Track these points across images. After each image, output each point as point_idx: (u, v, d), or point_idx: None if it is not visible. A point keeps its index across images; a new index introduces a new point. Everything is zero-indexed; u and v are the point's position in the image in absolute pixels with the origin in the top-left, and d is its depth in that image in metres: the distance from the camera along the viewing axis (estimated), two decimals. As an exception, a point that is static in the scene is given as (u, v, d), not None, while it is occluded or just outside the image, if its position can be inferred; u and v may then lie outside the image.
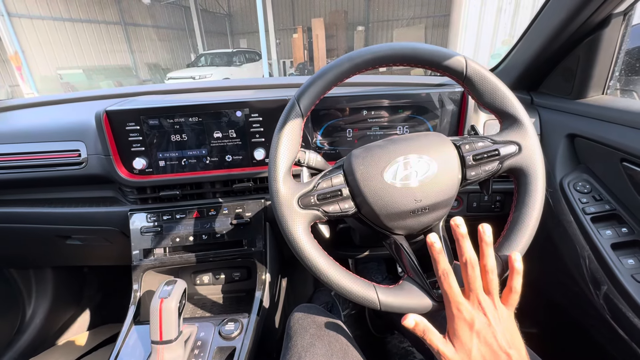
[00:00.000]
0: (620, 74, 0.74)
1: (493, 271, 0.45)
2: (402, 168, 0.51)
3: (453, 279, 0.45)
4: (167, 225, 0.84)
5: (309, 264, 0.50)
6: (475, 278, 0.44)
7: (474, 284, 0.44)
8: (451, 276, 0.45)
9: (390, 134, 0.86)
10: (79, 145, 0.82)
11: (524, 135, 0.52)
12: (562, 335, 0.88)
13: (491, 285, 0.45)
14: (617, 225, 0.65)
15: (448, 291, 0.45)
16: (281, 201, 0.50)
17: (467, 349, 0.42)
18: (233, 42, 15.76)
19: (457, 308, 0.44)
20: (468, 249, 0.45)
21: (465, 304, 0.44)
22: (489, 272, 0.45)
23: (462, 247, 0.46)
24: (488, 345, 0.41)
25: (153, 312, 0.63)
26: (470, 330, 0.42)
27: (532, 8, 6.69)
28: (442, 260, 0.47)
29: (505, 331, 0.42)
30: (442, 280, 0.46)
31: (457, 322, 0.43)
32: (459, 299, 0.44)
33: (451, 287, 0.45)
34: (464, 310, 0.43)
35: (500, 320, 0.43)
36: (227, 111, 0.79)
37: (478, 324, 0.42)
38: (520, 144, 0.52)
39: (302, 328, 0.58)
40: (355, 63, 0.50)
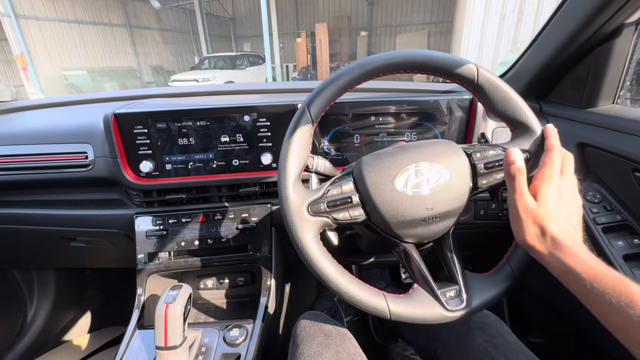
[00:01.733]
0: (632, 83, 0.73)
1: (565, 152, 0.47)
2: (414, 176, 0.50)
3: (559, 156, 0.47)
4: (172, 229, 0.83)
5: (318, 272, 0.50)
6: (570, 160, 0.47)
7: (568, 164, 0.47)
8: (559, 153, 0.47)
9: (398, 140, 0.86)
10: (86, 147, 0.82)
11: (535, 144, 0.52)
12: (571, 345, 0.87)
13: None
14: (629, 236, 0.64)
15: (551, 161, 0.46)
16: (291, 208, 0.50)
17: (550, 206, 0.43)
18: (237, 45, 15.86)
19: (556, 175, 0.45)
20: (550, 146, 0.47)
21: (560, 177, 0.45)
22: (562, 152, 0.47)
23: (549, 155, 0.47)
24: (566, 215, 0.44)
25: (158, 317, 0.62)
26: (559, 198, 0.44)
27: (535, 16, 6.71)
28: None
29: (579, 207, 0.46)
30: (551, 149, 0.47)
31: (550, 187, 0.44)
32: (559, 170, 0.46)
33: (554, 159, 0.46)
34: (559, 180, 0.45)
35: (576, 195, 0.46)
36: (234, 115, 0.79)
37: (566, 196, 0.44)
38: (531, 152, 0.52)
39: (308, 336, 0.58)
40: (367, 70, 0.50)
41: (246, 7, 15.00)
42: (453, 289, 0.53)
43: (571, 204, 0.44)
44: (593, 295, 0.37)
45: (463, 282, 0.53)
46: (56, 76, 9.36)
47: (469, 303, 0.52)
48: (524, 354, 0.54)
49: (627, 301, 0.34)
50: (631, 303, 0.33)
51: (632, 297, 0.33)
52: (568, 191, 0.45)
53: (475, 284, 0.53)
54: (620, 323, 0.35)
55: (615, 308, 0.34)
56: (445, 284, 0.53)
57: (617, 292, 0.34)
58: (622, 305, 0.34)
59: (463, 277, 0.53)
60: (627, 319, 0.33)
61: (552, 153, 0.46)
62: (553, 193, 0.44)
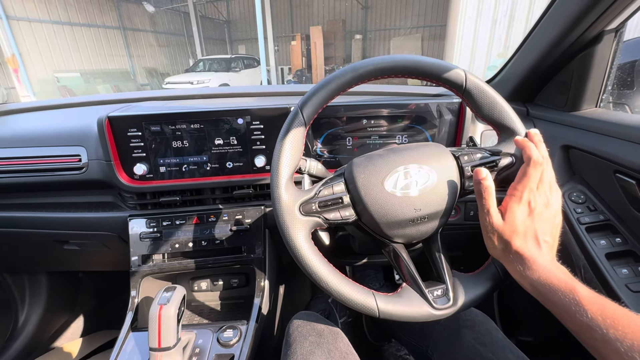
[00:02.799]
0: (613, 88, 0.76)
1: (541, 164, 0.47)
2: (403, 177, 0.52)
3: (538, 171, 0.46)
4: (166, 231, 0.84)
5: (309, 271, 0.51)
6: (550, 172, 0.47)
7: (548, 176, 0.47)
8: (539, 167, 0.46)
9: (390, 143, 0.88)
10: (79, 150, 0.83)
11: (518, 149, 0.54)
12: (558, 344, 0.89)
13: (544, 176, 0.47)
14: (611, 235, 0.67)
15: (529, 174, 0.46)
16: (283, 208, 0.51)
17: (516, 223, 0.44)
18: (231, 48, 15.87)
19: (529, 190, 0.45)
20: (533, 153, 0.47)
21: (535, 191, 0.46)
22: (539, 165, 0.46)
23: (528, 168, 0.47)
24: (532, 233, 0.44)
25: (152, 319, 0.63)
26: (528, 214, 0.45)
27: (525, 21, 6.84)
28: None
29: (549, 220, 0.46)
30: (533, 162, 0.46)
31: (520, 204, 0.45)
32: (535, 185, 0.46)
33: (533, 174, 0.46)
34: (533, 194, 0.45)
35: (549, 207, 0.46)
36: (228, 118, 0.80)
37: (537, 211, 0.45)
38: (517, 155, 0.54)
39: (301, 335, 0.59)
40: (359, 74, 0.51)
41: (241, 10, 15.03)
42: (440, 288, 0.54)
43: (542, 217, 0.45)
44: (551, 305, 0.39)
45: (450, 282, 0.54)
46: (48, 78, 9.27)
47: (455, 302, 0.53)
48: (511, 350, 0.56)
49: (576, 308, 0.35)
50: (580, 310, 0.35)
51: (580, 302, 0.35)
52: (540, 204, 0.45)
53: (462, 283, 0.55)
54: (574, 328, 0.36)
55: (568, 315, 0.36)
56: (433, 283, 0.55)
57: (568, 299, 0.36)
58: (573, 310, 0.35)
59: (450, 277, 0.55)
60: (579, 324, 0.35)
61: (529, 168, 0.46)
62: (522, 210, 0.45)
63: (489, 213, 0.47)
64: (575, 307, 0.35)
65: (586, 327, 0.34)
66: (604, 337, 0.32)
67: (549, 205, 0.46)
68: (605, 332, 0.32)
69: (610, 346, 0.31)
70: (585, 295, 0.35)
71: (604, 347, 0.32)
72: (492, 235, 0.47)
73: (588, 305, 0.34)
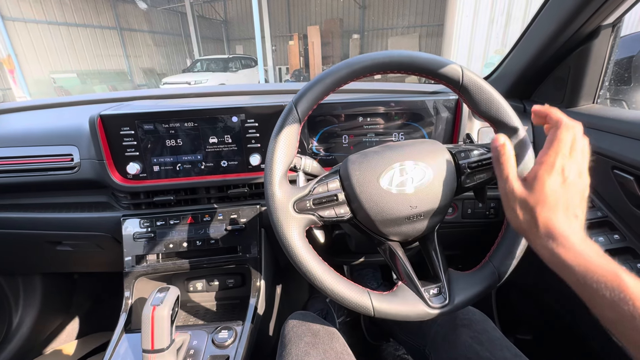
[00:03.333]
0: (610, 83, 0.75)
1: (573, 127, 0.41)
2: (398, 174, 0.51)
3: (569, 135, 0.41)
4: (160, 231, 0.83)
5: (303, 269, 0.50)
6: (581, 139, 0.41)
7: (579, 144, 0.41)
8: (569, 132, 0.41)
9: (386, 140, 0.87)
10: (71, 149, 0.81)
11: (519, 144, 0.53)
12: (557, 342, 0.88)
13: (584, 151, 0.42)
14: (609, 232, 0.66)
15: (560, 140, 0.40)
16: (277, 205, 0.50)
17: (545, 192, 0.39)
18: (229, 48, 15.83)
19: (562, 156, 0.40)
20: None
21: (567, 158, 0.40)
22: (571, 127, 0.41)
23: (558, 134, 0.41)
24: (564, 203, 0.39)
25: (145, 320, 0.62)
26: (561, 183, 0.39)
27: (522, 20, 6.85)
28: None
29: (582, 192, 0.41)
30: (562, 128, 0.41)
31: (552, 172, 0.40)
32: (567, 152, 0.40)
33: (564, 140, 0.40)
34: (565, 161, 0.40)
35: (582, 177, 0.41)
36: (223, 116, 0.79)
37: (570, 180, 0.39)
38: (515, 153, 0.53)
39: (296, 336, 0.58)
40: (354, 69, 0.51)
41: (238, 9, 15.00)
42: (436, 286, 0.53)
43: (575, 188, 0.40)
44: (587, 289, 0.34)
45: (446, 280, 0.53)
46: (45, 79, 9.22)
47: (451, 300, 0.52)
48: (508, 349, 0.55)
49: (620, 296, 0.32)
50: (625, 298, 0.31)
51: (625, 291, 0.32)
52: (574, 174, 0.39)
53: (458, 281, 0.54)
54: (614, 317, 0.33)
55: (609, 303, 0.32)
56: (429, 281, 0.54)
57: (610, 287, 0.33)
58: (616, 300, 0.32)
59: (446, 275, 0.54)
60: (621, 313, 0.32)
61: (560, 131, 0.40)
62: (554, 178, 0.39)
63: (508, 180, 0.42)
64: (619, 295, 0.32)
65: (630, 318, 0.31)
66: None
67: (581, 174, 0.40)
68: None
69: None
70: (632, 284, 0.32)
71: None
72: (514, 204, 0.42)
73: (636, 294, 0.31)
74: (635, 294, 0.31)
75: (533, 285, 0.89)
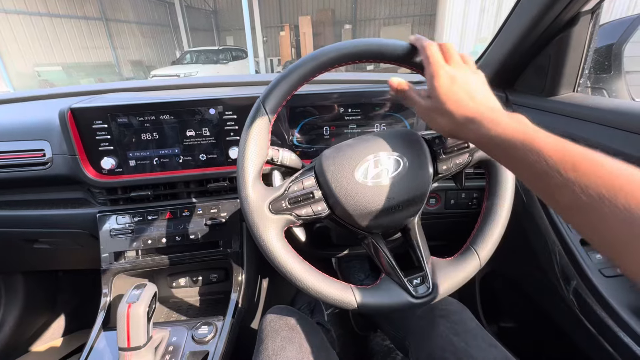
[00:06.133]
0: (590, 72, 0.75)
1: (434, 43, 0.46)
2: (373, 166, 0.50)
3: (436, 48, 0.45)
4: (138, 227, 0.81)
5: (282, 270, 0.50)
6: (451, 48, 0.45)
7: (452, 51, 0.45)
8: (434, 46, 0.46)
9: (368, 131, 0.85)
10: (43, 144, 0.79)
11: None
12: (537, 330, 0.90)
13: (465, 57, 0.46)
14: (587, 221, 0.66)
15: (430, 55, 0.45)
16: (251, 208, 0.49)
17: (443, 94, 0.42)
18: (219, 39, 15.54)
19: (439, 65, 0.44)
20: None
21: (447, 65, 0.44)
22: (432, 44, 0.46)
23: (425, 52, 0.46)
24: (466, 94, 0.42)
25: (120, 318, 0.61)
26: (452, 82, 0.43)
27: (513, 8, 6.83)
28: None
29: (478, 82, 0.44)
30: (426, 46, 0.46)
31: (439, 77, 0.43)
32: (441, 60, 0.44)
33: (433, 52, 0.45)
34: (446, 67, 0.44)
35: (470, 72, 0.44)
36: (199, 109, 0.77)
37: (460, 77, 0.43)
38: None
39: (273, 331, 0.57)
40: (320, 62, 0.49)
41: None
42: (419, 275, 0.53)
43: (467, 79, 0.43)
44: (508, 159, 0.36)
45: (429, 269, 0.54)
46: (29, 72, 8.95)
47: (434, 288, 0.53)
48: (483, 339, 0.56)
49: (536, 157, 0.32)
50: (539, 159, 0.32)
51: (541, 151, 0.32)
52: (460, 72, 0.43)
53: (441, 269, 0.54)
54: (529, 177, 0.34)
55: (526, 165, 0.33)
56: (412, 271, 0.54)
57: (527, 150, 0.33)
58: (532, 160, 0.33)
59: (429, 264, 0.54)
60: (537, 172, 0.33)
61: (427, 49, 0.45)
62: (444, 80, 0.42)
63: (417, 103, 0.47)
64: (534, 157, 0.33)
65: (544, 175, 0.32)
66: (563, 182, 0.30)
67: (467, 71, 0.44)
68: (564, 175, 0.30)
69: (567, 189, 0.30)
70: (545, 143, 0.33)
71: (560, 191, 0.31)
72: (434, 117, 0.45)
73: (549, 152, 0.32)
74: (549, 151, 0.32)
75: (514, 275, 0.90)
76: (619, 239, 0.26)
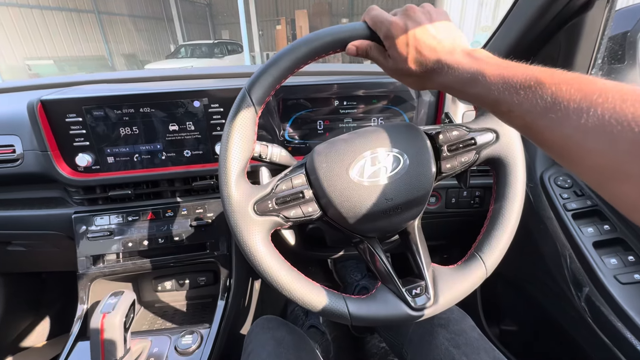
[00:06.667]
0: (603, 61, 0.70)
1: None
2: (370, 164, 0.45)
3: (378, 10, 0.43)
4: (118, 229, 0.75)
5: (268, 279, 0.45)
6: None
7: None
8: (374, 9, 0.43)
9: (364, 126, 0.80)
10: (13, 139, 0.73)
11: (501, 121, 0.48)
12: (541, 335, 0.86)
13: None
14: (599, 222, 0.62)
15: (376, 16, 0.42)
16: (234, 208, 0.44)
17: (400, 57, 0.40)
18: (215, 32, 15.32)
19: (390, 22, 0.40)
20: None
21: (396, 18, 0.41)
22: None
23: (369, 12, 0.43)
24: (421, 47, 0.39)
25: (93, 330, 0.55)
26: (404, 39, 0.39)
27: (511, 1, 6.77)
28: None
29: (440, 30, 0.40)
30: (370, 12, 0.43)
31: (389, 37, 0.40)
32: (388, 17, 0.41)
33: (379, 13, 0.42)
34: (394, 23, 0.40)
35: (432, 16, 0.40)
36: (182, 101, 0.71)
37: (411, 30, 0.39)
38: (498, 131, 0.48)
39: (259, 346, 0.53)
40: (313, 47, 0.43)
41: (223, -8, 14.44)
42: (419, 285, 0.49)
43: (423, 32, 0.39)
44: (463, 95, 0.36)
45: (430, 278, 0.49)
46: (19, 66, 8.77)
47: (436, 299, 0.48)
48: (487, 352, 0.51)
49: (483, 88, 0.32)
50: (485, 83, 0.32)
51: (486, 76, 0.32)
52: (411, 22, 0.39)
53: (442, 278, 0.50)
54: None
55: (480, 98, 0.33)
56: (412, 280, 0.50)
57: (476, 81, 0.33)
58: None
59: (430, 272, 0.49)
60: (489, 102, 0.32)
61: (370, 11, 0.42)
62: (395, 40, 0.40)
63: (382, 64, 0.44)
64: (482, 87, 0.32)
65: (496, 103, 0.31)
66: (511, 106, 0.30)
67: (420, 17, 0.40)
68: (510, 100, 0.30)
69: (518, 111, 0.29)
70: (490, 70, 0.32)
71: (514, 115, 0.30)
72: (400, 77, 0.43)
73: (493, 78, 0.32)
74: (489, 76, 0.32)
75: (519, 279, 0.86)
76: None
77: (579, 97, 0.25)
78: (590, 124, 0.24)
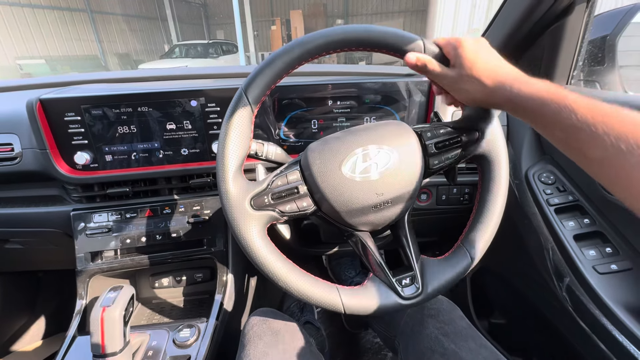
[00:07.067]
0: (584, 64, 0.73)
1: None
2: (361, 160, 0.47)
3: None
4: (116, 226, 0.77)
5: (264, 270, 0.47)
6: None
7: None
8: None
9: (357, 125, 0.83)
10: (11, 138, 0.73)
11: (486, 120, 0.51)
12: (529, 326, 0.89)
13: None
14: (580, 216, 0.65)
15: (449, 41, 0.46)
16: (231, 203, 0.46)
17: (471, 64, 0.43)
18: (209, 32, 15.25)
19: (458, 37, 0.45)
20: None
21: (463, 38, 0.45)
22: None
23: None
24: (493, 58, 0.43)
25: (94, 323, 0.57)
26: (477, 49, 0.43)
27: (504, 4, 6.86)
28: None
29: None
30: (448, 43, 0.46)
31: (463, 46, 0.44)
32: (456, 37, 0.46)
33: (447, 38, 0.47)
34: (465, 40, 0.44)
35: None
36: (180, 100, 0.73)
37: (483, 44, 0.44)
38: (482, 129, 0.51)
39: (256, 336, 0.54)
40: (307, 49, 0.46)
41: (217, -8, 14.39)
42: (409, 275, 0.51)
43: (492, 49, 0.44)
44: (539, 117, 0.37)
45: (419, 268, 0.52)
46: (10, 65, 8.64)
47: (424, 289, 0.51)
48: (474, 339, 0.54)
49: (567, 113, 0.33)
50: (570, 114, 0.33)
51: (571, 106, 0.33)
52: (482, 41, 0.45)
53: (431, 268, 0.52)
54: (560, 135, 0.35)
55: (558, 121, 0.34)
56: (402, 271, 0.52)
57: (559, 106, 0.34)
58: (564, 116, 0.34)
59: (419, 263, 0.52)
60: (567, 127, 0.34)
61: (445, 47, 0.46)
62: (469, 48, 0.43)
63: (443, 73, 0.46)
64: (566, 113, 0.34)
65: (575, 130, 0.33)
66: (593, 136, 0.31)
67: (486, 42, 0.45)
68: (594, 129, 0.31)
69: (597, 142, 0.31)
70: (576, 99, 0.34)
71: (590, 146, 0.32)
72: (461, 86, 0.45)
73: (579, 108, 0.33)
74: (579, 107, 0.33)
75: (505, 272, 0.89)
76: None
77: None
78: None
